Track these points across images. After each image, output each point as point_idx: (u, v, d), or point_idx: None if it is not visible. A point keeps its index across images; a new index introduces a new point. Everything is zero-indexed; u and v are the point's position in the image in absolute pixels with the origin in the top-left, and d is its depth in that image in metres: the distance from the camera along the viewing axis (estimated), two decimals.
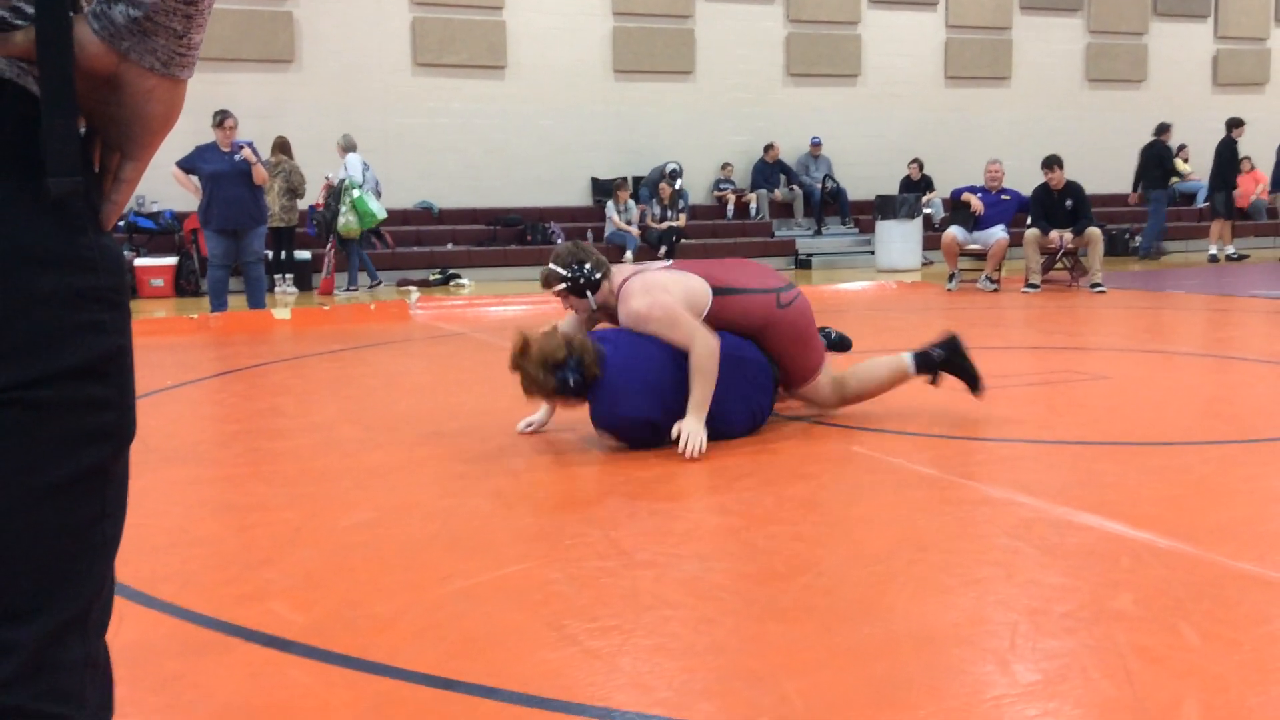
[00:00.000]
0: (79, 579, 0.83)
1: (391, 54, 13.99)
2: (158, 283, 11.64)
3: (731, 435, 3.89)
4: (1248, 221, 16.28)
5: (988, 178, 10.84)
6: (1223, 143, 14.29)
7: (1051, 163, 10.32)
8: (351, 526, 3.01)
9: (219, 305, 8.82)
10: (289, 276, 11.89)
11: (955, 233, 10.61)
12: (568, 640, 2.15)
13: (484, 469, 3.65)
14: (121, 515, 0.88)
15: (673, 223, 13.86)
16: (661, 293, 3.79)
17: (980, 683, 1.93)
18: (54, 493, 0.80)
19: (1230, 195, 14.18)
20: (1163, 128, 14.48)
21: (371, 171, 12.08)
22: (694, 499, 3.23)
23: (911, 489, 3.27)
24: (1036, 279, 10.29)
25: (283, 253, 11.68)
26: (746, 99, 15.81)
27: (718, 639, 2.14)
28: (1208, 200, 14.82)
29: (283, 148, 11.35)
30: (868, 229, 14.88)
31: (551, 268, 4.02)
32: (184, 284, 11.80)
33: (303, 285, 12.02)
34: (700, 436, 3.65)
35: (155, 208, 12.61)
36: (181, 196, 10.44)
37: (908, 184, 15.11)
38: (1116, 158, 17.71)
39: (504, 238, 14.09)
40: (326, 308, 9.39)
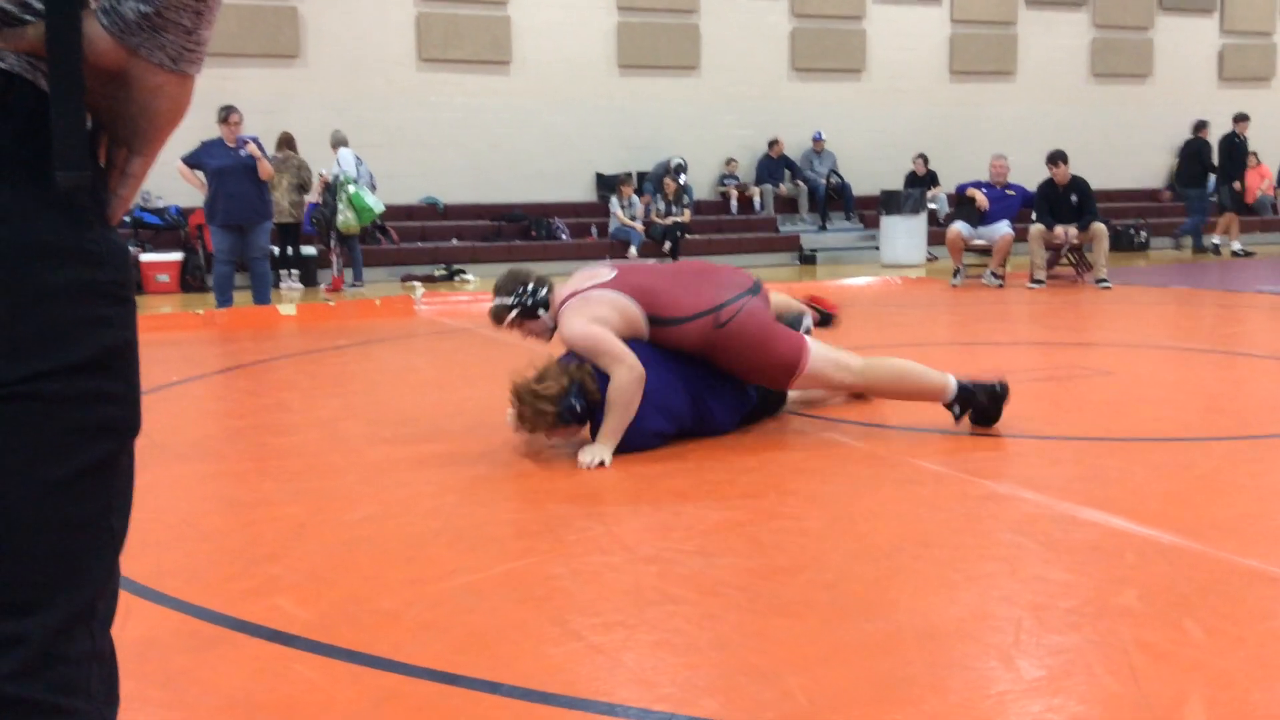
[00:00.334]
0: (85, 572, 0.83)
1: (396, 49, 13.98)
2: (163, 278, 11.65)
3: (720, 430, 3.89)
4: (1254, 217, 16.24)
5: (993, 173, 10.82)
6: (1226, 137, 14.26)
7: (1056, 158, 10.30)
8: (356, 522, 3.02)
9: (224, 301, 8.83)
10: (294, 272, 11.88)
11: (960, 228, 10.59)
12: (571, 635, 2.15)
13: (488, 465, 3.66)
14: (127, 509, 0.88)
15: (677, 218, 13.84)
16: (592, 320, 3.65)
17: (984, 678, 1.94)
18: (61, 486, 0.81)
19: (1234, 189, 14.15)
20: (1201, 124, 14.44)
21: (365, 166, 12.01)
22: (697, 494, 3.24)
23: (915, 484, 3.27)
24: (1041, 274, 10.26)
25: (288, 248, 11.66)
26: (751, 94, 15.79)
27: (721, 634, 2.15)
28: (1213, 195, 14.78)
29: (288, 143, 11.34)
30: (872, 224, 14.86)
31: (496, 302, 3.88)
32: (189, 279, 11.80)
33: (308, 281, 12.02)
34: (601, 457, 3.55)
35: (161, 203, 12.62)
36: (187, 192, 10.44)
37: (912, 179, 15.08)
38: (1122, 153, 17.69)
39: (508, 233, 14.08)
40: (332, 303, 9.40)
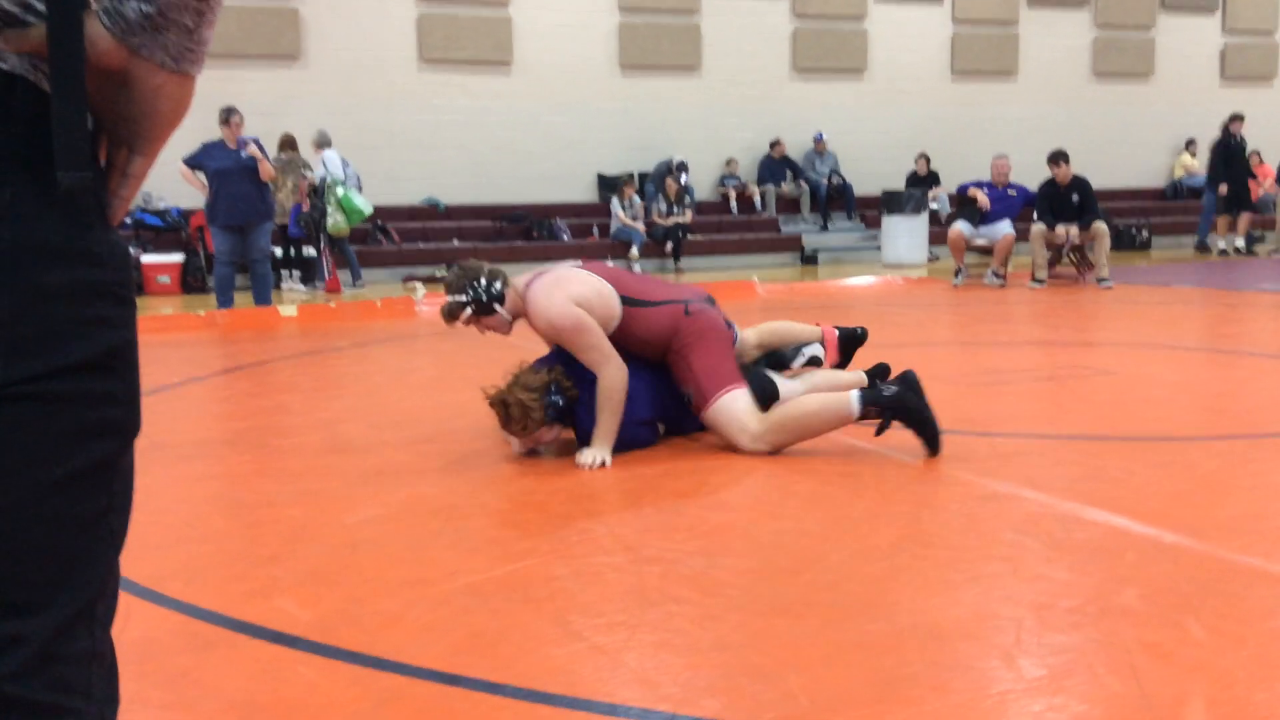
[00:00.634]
0: (86, 572, 0.84)
1: (397, 50, 13.98)
2: (164, 279, 11.65)
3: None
4: (1255, 215, 16.21)
5: (994, 173, 10.81)
6: (1220, 139, 14.27)
7: (1058, 157, 10.29)
8: (357, 523, 3.02)
9: (225, 302, 8.84)
10: (295, 273, 11.89)
11: (962, 228, 10.59)
12: (573, 636, 2.15)
13: (490, 465, 3.66)
14: (127, 509, 0.89)
15: (679, 218, 13.83)
16: (570, 298, 3.58)
17: (985, 678, 1.94)
18: (61, 486, 0.81)
19: (1221, 190, 14.16)
20: (1234, 118, 14.42)
21: (352, 167, 11.93)
22: (699, 495, 3.24)
23: (916, 484, 3.27)
24: (1043, 274, 10.26)
25: (290, 250, 11.67)
26: (753, 95, 15.78)
27: (723, 635, 2.15)
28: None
29: (291, 144, 11.34)
30: (874, 224, 14.85)
31: (449, 300, 3.75)
32: (190, 281, 11.80)
33: (309, 282, 12.02)
34: (602, 457, 3.55)
35: (162, 204, 12.61)
36: (188, 193, 10.45)
37: (914, 179, 15.07)
38: (1123, 152, 17.67)
39: (510, 234, 14.08)
40: (333, 304, 9.40)
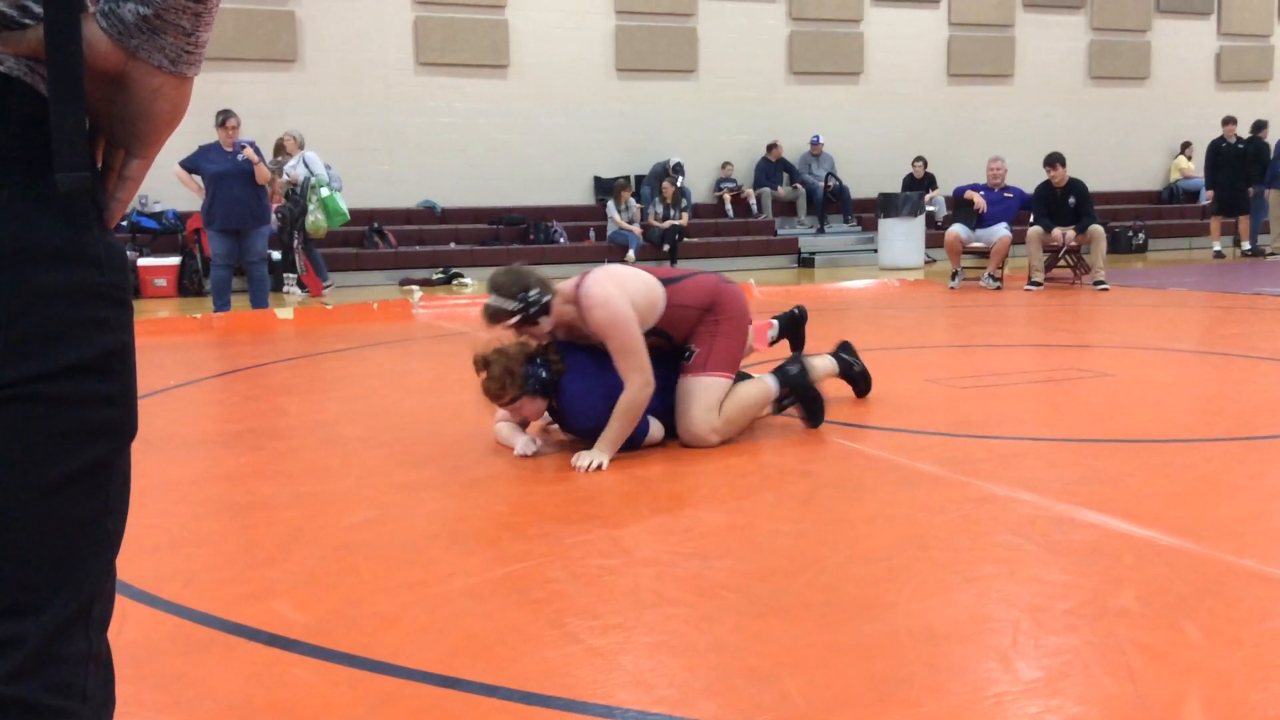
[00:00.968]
0: (82, 574, 0.83)
1: (394, 53, 13.99)
2: (161, 283, 11.64)
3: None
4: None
5: (990, 175, 10.83)
6: (1212, 143, 14.31)
7: (1054, 160, 10.32)
8: (354, 525, 3.01)
9: (222, 305, 8.83)
10: (292, 276, 11.87)
11: (958, 231, 10.60)
12: (569, 638, 2.15)
13: (486, 468, 3.66)
14: (124, 511, 0.89)
15: (675, 221, 13.84)
16: (621, 290, 3.63)
17: (982, 680, 1.94)
18: (57, 488, 0.81)
19: (1208, 195, 14.21)
20: (1260, 125, 14.43)
21: (335, 169, 11.87)
22: (695, 497, 3.24)
23: (913, 486, 3.27)
24: (1039, 277, 10.28)
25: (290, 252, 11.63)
26: (749, 97, 15.80)
27: (719, 637, 2.15)
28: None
29: (284, 149, 11.32)
30: (870, 227, 14.87)
31: (495, 303, 3.66)
32: (187, 284, 11.79)
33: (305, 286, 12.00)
34: (599, 460, 3.55)
35: (158, 208, 12.61)
36: (184, 196, 10.43)
37: (910, 182, 15.09)
38: (1119, 155, 17.70)
39: (506, 237, 14.09)
40: (329, 307, 9.40)
